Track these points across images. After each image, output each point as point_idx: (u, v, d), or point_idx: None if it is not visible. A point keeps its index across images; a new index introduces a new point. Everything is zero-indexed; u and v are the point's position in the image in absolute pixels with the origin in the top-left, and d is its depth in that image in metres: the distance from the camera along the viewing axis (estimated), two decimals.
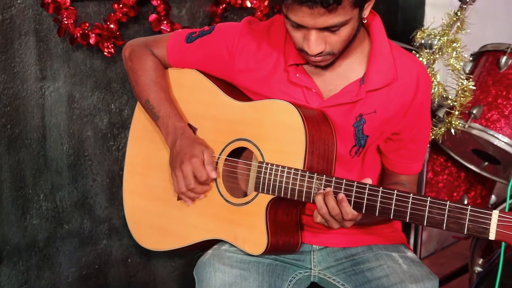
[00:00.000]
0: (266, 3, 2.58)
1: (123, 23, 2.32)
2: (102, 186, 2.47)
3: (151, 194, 1.98)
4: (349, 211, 1.59)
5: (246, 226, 1.76)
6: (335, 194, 1.60)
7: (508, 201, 2.43)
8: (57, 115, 2.31)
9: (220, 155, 1.82)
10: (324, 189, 1.62)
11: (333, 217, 1.62)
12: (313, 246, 1.90)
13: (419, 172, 1.95)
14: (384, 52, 1.73)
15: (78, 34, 2.21)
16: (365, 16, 1.63)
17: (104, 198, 2.49)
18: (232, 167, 1.82)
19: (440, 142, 2.47)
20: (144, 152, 2.01)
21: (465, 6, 2.30)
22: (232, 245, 1.81)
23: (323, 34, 1.57)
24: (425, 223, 1.54)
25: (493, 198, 2.88)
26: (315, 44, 1.57)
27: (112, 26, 2.27)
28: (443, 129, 2.36)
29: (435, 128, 2.37)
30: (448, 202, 1.51)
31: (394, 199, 1.56)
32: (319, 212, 1.62)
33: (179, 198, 1.89)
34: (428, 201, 1.53)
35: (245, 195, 1.79)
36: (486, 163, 2.61)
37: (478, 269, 2.60)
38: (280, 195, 1.69)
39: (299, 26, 1.56)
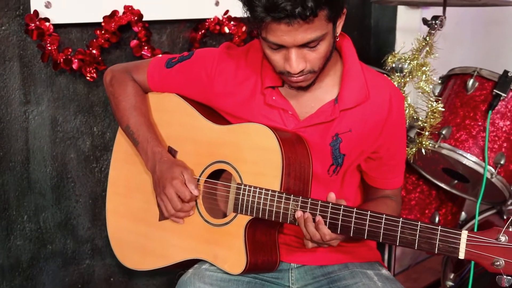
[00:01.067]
0: (243, 29, 2.59)
1: (105, 49, 2.31)
2: (85, 207, 2.44)
3: (133, 215, 1.96)
4: (327, 233, 1.60)
5: (225, 246, 1.75)
6: (313, 215, 1.61)
7: (477, 218, 2.45)
8: (41, 138, 2.29)
9: (200, 177, 1.81)
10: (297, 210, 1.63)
11: (316, 242, 1.63)
12: (291, 264, 1.89)
13: (402, 185, 1.96)
14: (356, 73, 1.74)
15: (61, 59, 2.20)
16: (337, 34, 1.63)
17: (87, 219, 2.46)
18: (212, 189, 1.81)
19: (412, 161, 2.49)
20: (125, 174, 2.00)
21: (433, 31, 2.33)
22: (212, 264, 1.80)
23: (302, 52, 1.57)
24: (397, 243, 1.54)
25: (463, 214, 2.90)
26: (297, 62, 1.57)
27: (94, 51, 2.26)
28: (414, 149, 2.37)
29: (406, 148, 2.37)
30: (419, 222, 1.51)
31: (367, 220, 1.56)
32: (314, 239, 1.64)
33: (160, 219, 1.87)
34: (400, 222, 1.53)
35: (225, 215, 1.78)
36: (456, 181, 2.62)
37: (449, 283, 2.61)
38: (258, 216, 1.69)
39: (278, 47, 1.56)
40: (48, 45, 2.15)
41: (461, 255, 1.45)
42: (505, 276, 1.42)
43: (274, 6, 1.45)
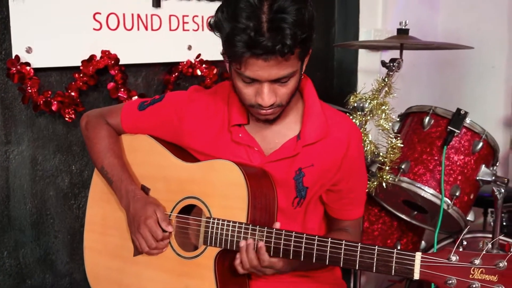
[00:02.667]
0: (214, 71, 2.61)
1: (84, 91, 2.31)
2: (64, 242, 2.41)
3: (109, 251, 1.94)
4: (266, 258, 1.60)
5: (196, 278, 1.73)
6: (277, 244, 1.60)
7: (436, 246, 2.46)
8: (21, 177, 2.26)
9: (171, 212, 1.80)
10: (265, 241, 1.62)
11: (253, 268, 1.63)
12: None
13: (361, 216, 1.95)
14: (316, 111, 1.75)
15: (41, 101, 2.19)
16: (303, 72, 1.66)
17: (66, 254, 2.42)
18: (183, 223, 1.80)
19: (374, 194, 2.49)
20: (102, 212, 1.98)
21: (392, 73, 2.36)
22: None
23: (274, 86, 1.58)
24: (357, 266, 1.54)
25: (423, 243, 2.91)
26: (268, 96, 1.58)
27: (73, 93, 2.26)
28: (376, 183, 2.38)
29: (368, 182, 2.38)
30: (376, 246, 1.51)
31: (328, 246, 1.56)
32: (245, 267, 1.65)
33: (135, 254, 1.85)
34: (359, 247, 1.53)
35: (196, 248, 1.77)
36: (416, 213, 2.63)
37: None
38: (227, 247, 1.67)
39: (252, 81, 1.58)
40: (29, 88, 2.15)
41: (416, 276, 1.45)
42: None
43: (255, 43, 1.47)
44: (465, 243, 2.64)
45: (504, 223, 2.85)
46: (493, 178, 2.38)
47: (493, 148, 2.43)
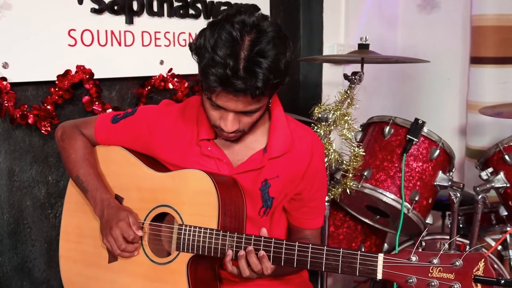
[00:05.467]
0: (186, 85, 2.59)
1: (59, 104, 2.27)
2: (41, 250, 2.36)
3: (84, 259, 1.90)
4: (269, 266, 1.58)
5: (170, 283, 1.71)
6: (245, 249, 1.59)
7: (397, 248, 2.48)
8: None
9: (145, 220, 1.78)
10: (229, 250, 1.61)
11: (256, 272, 1.60)
12: None
13: (321, 226, 1.95)
14: (282, 126, 1.75)
15: (18, 115, 2.15)
16: (270, 101, 1.66)
17: (43, 261, 2.37)
18: (156, 230, 1.78)
19: (338, 200, 2.50)
20: (76, 222, 1.95)
21: (354, 85, 2.36)
22: None
23: (238, 116, 1.58)
24: (323, 268, 1.54)
25: (385, 246, 2.93)
26: (231, 124, 1.58)
27: (49, 107, 2.22)
28: (340, 189, 2.38)
29: (333, 189, 2.39)
30: (341, 249, 1.51)
31: (296, 249, 1.56)
32: (244, 275, 1.60)
33: (110, 261, 1.82)
34: (325, 250, 1.53)
35: (169, 255, 1.74)
36: (378, 217, 2.65)
37: None
38: (199, 253, 1.66)
39: (218, 108, 1.57)
40: (5, 101, 2.11)
41: (379, 276, 1.46)
42: None
43: (228, 82, 1.45)
44: (424, 244, 2.67)
45: (461, 225, 2.89)
46: (450, 183, 2.41)
47: (449, 155, 2.46)
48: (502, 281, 1.35)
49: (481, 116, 2.79)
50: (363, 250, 2.74)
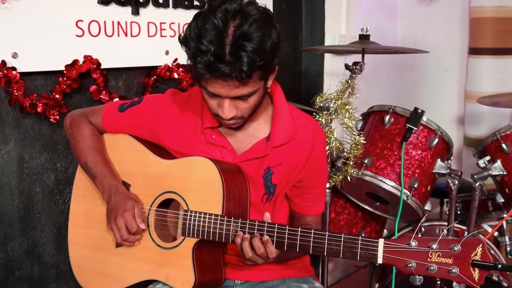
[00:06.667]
0: (190, 75, 2.59)
1: (67, 94, 2.27)
2: (50, 235, 2.37)
3: (92, 244, 1.91)
4: (273, 250, 1.58)
5: (175, 267, 1.72)
6: (251, 234, 1.59)
7: (397, 234, 2.48)
8: (9, 175, 2.22)
9: (151, 206, 1.79)
10: (240, 231, 1.61)
11: (260, 256, 1.59)
12: (235, 281, 1.87)
13: (322, 212, 1.96)
14: (284, 114, 1.75)
15: (27, 103, 2.15)
16: (269, 86, 1.65)
17: (52, 246, 2.38)
18: (162, 216, 1.79)
19: (339, 187, 2.50)
20: (85, 207, 1.96)
21: (354, 75, 2.36)
22: (165, 284, 1.76)
23: (235, 102, 1.57)
24: (325, 253, 1.54)
25: (385, 232, 2.93)
26: (228, 110, 1.57)
27: (57, 96, 2.23)
28: (341, 177, 2.38)
29: (334, 176, 2.39)
30: (343, 234, 1.52)
31: (299, 235, 1.56)
32: (246, 256, 1.60)
33: (117, 246, 1.83)
34: (327, 235, 1.53)
35: (175, 240, 1.75)
36: (378, 203, 2.65)
37: None
38: (204, 238, 1.66)
39: (214, 96, 1.57)
40: (15, 91, 2.11)
41: (380, 260, 1.46)
42: (417, 276, 1.44)
43: (214, 67, 1.45)
44: (423, 230, 2.67)
45: (459, 212, 2.89)
46: (448, 171, 2.41)
47: (447, 143, 2.46)
48: (499, 266, 1.35)
49: (479, 106, 2.78)
50: (363, 235, 2.76)
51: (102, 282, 1.89)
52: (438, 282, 2.30)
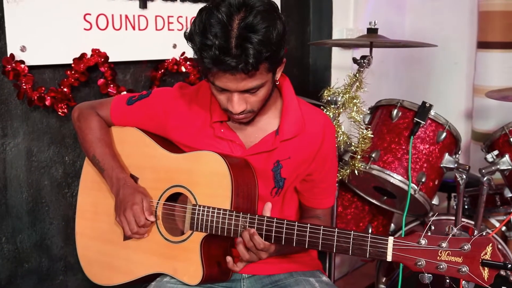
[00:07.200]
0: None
1: (75, 87, 2.26)
2: (58, 228, 2.37)
3: (100, 236, 1.91)
4: (260, 242, 1.57)
5: (184, 260, 1.71)
6: (260, 230, 1.59)
7: (404, 228, 2.47)
8: (17, 168, 2.22)
9: (159, 200, 1.78)
10: (247, 227, 1.60)
11: (249, 249, 1.60)
12: (243, 274, 1.86)
13: (332, 205, 1.94)
14: (294, 108, 1.73)
15: (35, 97, 2.15)
16: (277, 79, 1.63)
17: (60, 239, 2.38)
18: (170, 210, 1.78)
19: (346, 181, 2.49)
20: (92, 200, 1.95)
21: (362, 69, 2.34)
22: (172, 277, 1.76)
23: (243, 95, 1.56)
24: (334, 250, 1.53)
25: (392, 226, 2.92)
26: (238, 104, 1.56)
27: (65, 89, 2.22)
28: (348, 171, 2.37)
29: (341, 170, 2.38)
30: (352, 231, 1.50)
31: (307, 231, 1.55)
32: (244, 258, 1.62)
33: (125, 239, 1.83)
34: (336, 232, 1.52)
35: (182, 234, 1.75)
36: (385, 198, 2.64)
37: (382, 286, 2.62)
38: (212, 232, 1.66)
39: (223, 90, 1.55)
40: (23, 84, 2.10)
41: (389, 258, 1.45)
42: (426, 274, 1.43)
43: (220, 61, 1.44)
44: (433, 227, 2.66)
45: (466, 207, 2.87)
46: (456, 165, 2.39)
47: (455, 138, 2.44)
48: (509, 265, 1.34)
49: (487, 100, 2.76)
50: (370, 230, 2.76)
51: (109, 274, 1.89)
52: (447, 281, 2.28)
